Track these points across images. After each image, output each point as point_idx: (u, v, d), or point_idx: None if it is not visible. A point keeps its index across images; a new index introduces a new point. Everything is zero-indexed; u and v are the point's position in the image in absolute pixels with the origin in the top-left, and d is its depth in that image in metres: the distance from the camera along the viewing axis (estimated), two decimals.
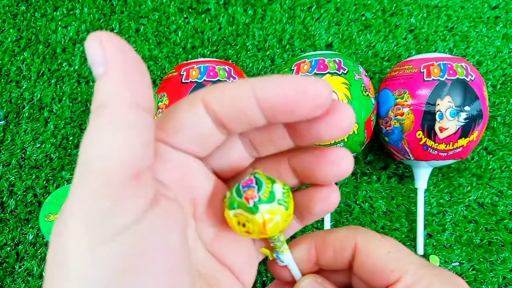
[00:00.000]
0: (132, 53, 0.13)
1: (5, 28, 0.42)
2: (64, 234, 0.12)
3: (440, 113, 0.31)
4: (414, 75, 0.33)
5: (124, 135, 0.12)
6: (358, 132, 0.32)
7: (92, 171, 0.12)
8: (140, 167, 0.13)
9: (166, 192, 0.16)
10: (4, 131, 0.40)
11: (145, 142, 0.13)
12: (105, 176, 0.12)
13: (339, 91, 0.31)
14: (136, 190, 0.13)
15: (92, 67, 0.13)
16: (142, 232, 0.13)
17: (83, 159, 0.13)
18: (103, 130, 0.12)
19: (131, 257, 0.12)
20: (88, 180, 0.12)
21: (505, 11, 0.43)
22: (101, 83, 0.13)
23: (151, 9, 0.43)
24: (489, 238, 0.38)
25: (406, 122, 0.33)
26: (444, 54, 0.34)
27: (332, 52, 0.34)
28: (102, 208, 0.12)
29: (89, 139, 0.13)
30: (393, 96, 0.34)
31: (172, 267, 0.13)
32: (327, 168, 0.17)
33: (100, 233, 0.12)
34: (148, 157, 0.13)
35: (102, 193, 0.12)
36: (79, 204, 0.12)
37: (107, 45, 0.12)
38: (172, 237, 0.14)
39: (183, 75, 0.32)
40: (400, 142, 0.34)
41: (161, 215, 0.14)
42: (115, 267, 0.12)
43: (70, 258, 0.12)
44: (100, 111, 0.12)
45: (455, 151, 0.33)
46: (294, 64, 0.34)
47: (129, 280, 0.12)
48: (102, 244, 0.12)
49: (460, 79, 0.32)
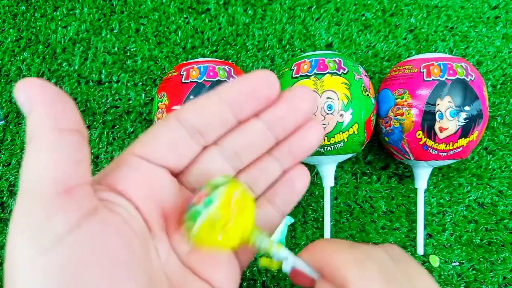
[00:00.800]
0: (50, 87, 0.15)
1: (5, 28, 0.42)
2: (12, 249, 0.13)
3: (440, 113, 0.31)
4: (414, 75, 0.33)
5: (49, 156, 0.14)
6: (358, 132, 0.32)
7: (25, 189, 0.14)
8: (70, 183, 0.14)
9: (118, 202, 0.16)
10: (4, 131, 0.40)
11: (74, 160, 0.14)
12: (36, 193, 0.14)
13: (339, 91, 0.31)
14: (67, 203, 0.14)
15: (24, 111, 0.15)
16: (76, 242, 0.14)
17: (21, 180, 0.14)
18: (32, 155, 0.14)
19: (68, 266, 0.13)
20: (24, 197, 0.14)
21: (505, 11, 0.43)
22: (29, 119, 0.14)
23: (151, 9, 0.43)
24: (489, 238, 0.38)
25: (406, 122, 0.33)
26: (444, 54, 0.34)
27: (332, 52, 0.34)
28: (37, 223, 0.13)
29: (24, 164, 0.14)
30: (393, 96, 0.34)
31: (112, 274, 0.14)
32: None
33: (39, 246, 0.13)
34: (79, 174, 0.15)
35: (35, 209, 0.13)
36: (20, 220, 0.14)
37: (29, 89, 0.14)
38: (111, 246, 0.15)
39: (183, 75, 0.32)
40: (400, 142, 0.34)
41: (97, 225, 0.15)
42: (54, 277, 0.13)
43: (18, 271, 0.13)
44: (29, 141, 0.14)
45: (455, 151, 0.33)
46: (294, 64, 0.34)
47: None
48: (42, 256, 0.13)
49: (460, 79, 0.32)
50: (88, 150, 0.15)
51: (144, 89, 0.41)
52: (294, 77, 0.32)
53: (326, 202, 0.35)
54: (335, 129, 0.31)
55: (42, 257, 0.13)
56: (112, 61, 0.41)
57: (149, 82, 0.41)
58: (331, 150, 0.32)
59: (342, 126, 0.32)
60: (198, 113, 0.18)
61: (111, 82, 0.41)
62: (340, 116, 0.31)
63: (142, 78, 0.41)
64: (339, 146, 0.32)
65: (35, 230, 0.13)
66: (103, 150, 0.39)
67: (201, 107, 0.18)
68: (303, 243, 0.37)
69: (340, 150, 0.33)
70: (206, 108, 0.18)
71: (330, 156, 0.33)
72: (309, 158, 0.34)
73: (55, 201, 0.14)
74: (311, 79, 0.32)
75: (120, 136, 0.40)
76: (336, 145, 0.32)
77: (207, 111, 0.18)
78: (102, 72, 0.41)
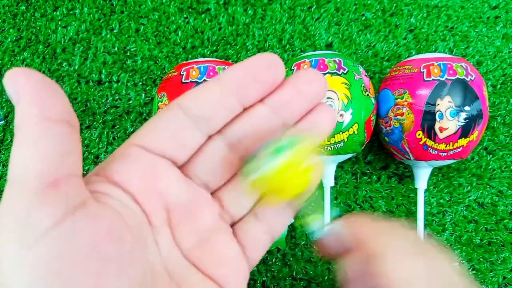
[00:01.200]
0: (37, 75, 0.14)
1: (5, 28, 0.42)
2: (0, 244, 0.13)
3: (440, 113, 0.31)
4: (414, 75, 0.33)
5: (35, 148, 0.13)
6: (358, 132, 0.32)
7: (11, 183, 0.14)
8: (56, 175, 0.14)
9: (113, 194, 0.16)
10: (4, 131, 0.40)
11: (61, 151, 0.14)
12: (21, 186, 0.13)
13: (339, 91, 0.31)
14: (53, 197, 0.13)
15: (13, 101, 0.14)
16: (62, 236, 0.13)
17: (8, 174, 0.14)
18: (17, 147, 0.14)
19: (53, 261, 0.13)
20: (9, 191, 0.13)
21: (505, 11, 0.43)
22: (16, 109, 0.14)
23: (151, 9, 0.43)
24: (489, 238, 0.38)
25: (406, 122, 0.33)
26: (444, 54, 0.34)
27: (332, 52, 0.34)
28: (22, 217, 0.13)
29: (11, 156, 0.14)
30: (393, 96, 0.34)
31: (100, 271, 0.14)
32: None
33: (24, 240, 0.13)
34: (67, 166, 0.14)
35: (19, 203, 0.13)
36: (4, 214, 0.13)
37: (15, 78, 0.14)
38: (99, 241, 0.14)
39: (183, 75, 0.32)
40: (400, 142, 0.34)
41: (85, 219, 0.14)
42: (40, 273, 0.13)
43: (5, 266, 0.13)
44: (15, 132, 0.14)
45: (455, 151, 0.33)
46: (294, 64, 0.34)
47: (54, 284, 0.13)
48: (27, 251, 0.13)
49: (460, 79, 0.32)
50: (78, 141, 0.15)
51: (144, 89, 0.41)
52: None
53: (326, 202, 0.35)
54: (335, 129, 0.31)
55: (28, 252, 0.13)
56: (112, 61, 0.41)
57: (149, 82, 0.41)
58: (331, 150, 0.33)
59: (342, 126, 0.32)
60: (201, 100, 0.17)
61: (111, 82, 0.41)
62: (340, 116, 0.31)
63: (142, 78, 0.41)
64: (339, 146, 0.32)
65: (19, 224, 0.13)
66: (103, 150, 0.39)
67: (204, 94, 0.17)
68: (303, 243, 0.37)
69: (340, 150, 0.33)
70: (209, 94, 0.17)
71: (330, 156, 0.33)
72: None
73: (41, 194, 0.13)
74: None
75: (120, 136, 0.40)
76: (336, 145, 0.32)
77: (210, 98, 0.17)
78: (102, 72, 0.41)
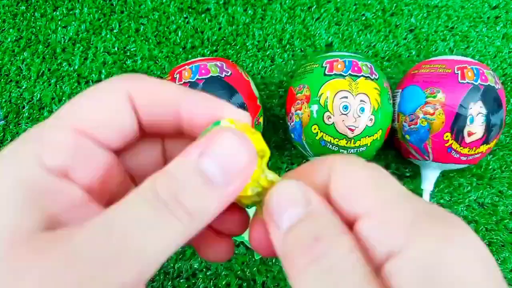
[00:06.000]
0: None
1: (5, 28, 0.42)
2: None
3: (471, 117, 0.31)
4: (448, 75, 0.32)
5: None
6: (380, 138, 0.33)
7: None
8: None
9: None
10: (4, 131, 0.40)
11: None
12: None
13: (371, 96, 0.31)
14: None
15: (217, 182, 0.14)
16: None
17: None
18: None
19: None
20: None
21: (505, 11, 0.43)
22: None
23: (151, 9, 0.43)
24: (489, 238, 0.38)
25: (435, 122, 0.32)
26: (471, 59, 0.34)
27: (361, 56, 0.34)
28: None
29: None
30: (424, 93, 0.33)
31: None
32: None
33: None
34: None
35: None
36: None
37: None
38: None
39: (176, 77, 0.32)
40: (424, 141, 0.33)
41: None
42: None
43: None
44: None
45: (474, 157, 0.32)
46: (325, 61, 0.33)
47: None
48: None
49: (491, 86, 0.32)
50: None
51: None
52: (327, 75, 0.32)
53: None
54: (363, 132, 0.31)
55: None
56: (112, 61, 0.41)
57: None
58: (353, 153, 0.32)
59: (370, 130, 0.32)
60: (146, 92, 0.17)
61: None
62: (369, 120, 0.31)
63: None
64: (362, 150, 0.32)
65: None
66: None
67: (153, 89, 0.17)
68: None
69: (362, 154, 0.32)
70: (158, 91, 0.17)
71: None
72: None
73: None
74: (346, 79, 0.31)
75: None
76: (359, 149, 0.32)
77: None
78: (102, 72, 0.41)
